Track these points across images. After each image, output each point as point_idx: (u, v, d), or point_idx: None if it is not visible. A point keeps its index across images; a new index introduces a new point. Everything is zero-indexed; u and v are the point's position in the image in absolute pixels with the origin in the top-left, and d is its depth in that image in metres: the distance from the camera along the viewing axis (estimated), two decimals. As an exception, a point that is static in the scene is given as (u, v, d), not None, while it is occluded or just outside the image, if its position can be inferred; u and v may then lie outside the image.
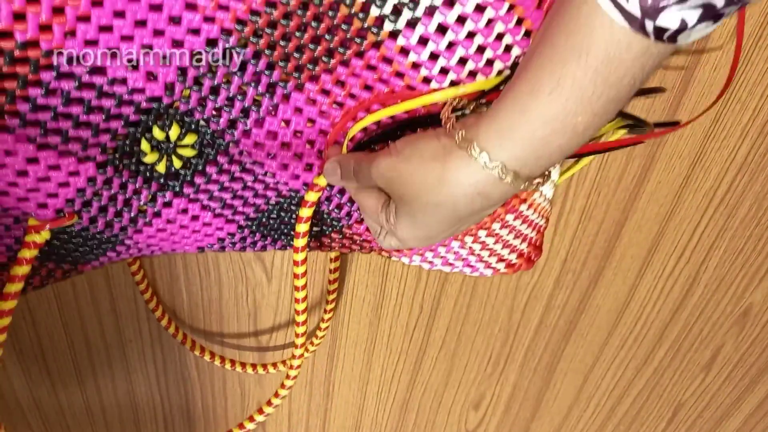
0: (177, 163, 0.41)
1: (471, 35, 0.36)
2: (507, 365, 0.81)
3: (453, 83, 0.38)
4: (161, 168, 0.40)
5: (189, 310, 0.68)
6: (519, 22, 0.36)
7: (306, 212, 0.46)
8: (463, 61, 0.37)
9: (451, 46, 0.36)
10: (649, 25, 0.27)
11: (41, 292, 0.61)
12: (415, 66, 0.37)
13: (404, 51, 0.37)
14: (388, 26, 0.35)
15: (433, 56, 0.37)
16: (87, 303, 0.64)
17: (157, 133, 0.38)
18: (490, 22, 0.36)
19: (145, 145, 0.39)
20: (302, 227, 0.46)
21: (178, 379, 0.75)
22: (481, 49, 0.37)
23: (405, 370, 0.80)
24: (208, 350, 0.67)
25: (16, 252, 0.43)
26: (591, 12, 0.27)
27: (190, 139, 0.39)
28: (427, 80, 0.38)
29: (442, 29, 0.36)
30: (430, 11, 0.35)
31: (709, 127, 0.58)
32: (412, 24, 0.35)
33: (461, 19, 0.35)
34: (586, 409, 0.90)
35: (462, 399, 0.85)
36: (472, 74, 0.38)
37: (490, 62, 0.37)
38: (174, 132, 0.39)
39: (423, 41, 0.36)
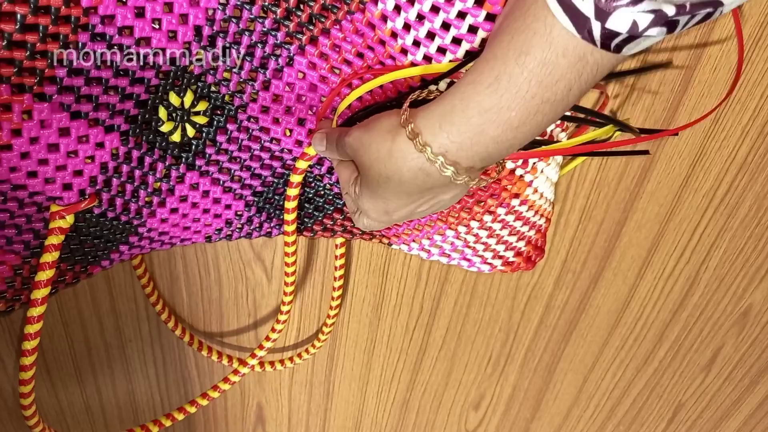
0: (190, 132, 0.44)
1: (435, 9, 0.38)
2: (507, 365, 0.81)
3: (426, 58, 0.40)
4: (176, 137, 0.44)
5: (189, 310, 0.68)
6: (479, 2, 0.37)
7: (296, 178, 0.48)
8: (431, 36, 0.39)
9: (420, 18, 0.39)
10: (597, 29, 0.27)
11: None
12: (394, 35, 0.40)
13: (383, 17, 0.39)
14: None
15: (407, 26, 0.39)
16: (87, 303, 0.64)
17: (174, 99, 0.42)
18: None
19: (162, 113, 0.42)
20: (293, 191, 0.49)
21: (178, 379, 0.75)
22: (446, 26, 0.39)
23: (405, 370, 0.80)
24: (206, 346, 0.67)
25: (33, 250, 0.45)
26: (537, 15, 0.29)
27: (202, 105, 0.43)
28: (404, 51, 0.40)
29: None
30: None
31: (709, 127, 0.58)
32: None
33: None
34: (586, 410, 0.90)
35: (462, 399, 0.85)
36: (441, 51, 0.40)
37: (456, 41, 0.39)
38: (188, 98, 0.42)
39: (397, 9, 0.39)
